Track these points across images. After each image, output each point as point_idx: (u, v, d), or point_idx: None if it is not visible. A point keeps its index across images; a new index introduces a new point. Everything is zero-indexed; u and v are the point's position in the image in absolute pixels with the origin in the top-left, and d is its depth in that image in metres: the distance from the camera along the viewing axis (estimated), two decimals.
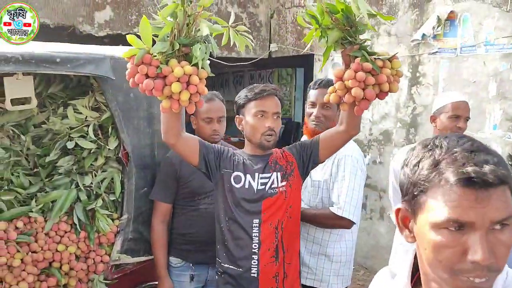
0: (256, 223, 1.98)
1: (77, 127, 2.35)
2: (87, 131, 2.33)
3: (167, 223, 2.41)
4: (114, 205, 2.39)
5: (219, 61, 4.95)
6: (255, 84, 2.11)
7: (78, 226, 2.24)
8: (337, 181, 2.25)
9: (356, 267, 4.72)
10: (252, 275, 1.98)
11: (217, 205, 2.07)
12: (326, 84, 2.36)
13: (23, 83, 2.06)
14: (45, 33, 4.83)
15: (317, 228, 2.32)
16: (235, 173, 2.03)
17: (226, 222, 2.03)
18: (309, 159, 2.05)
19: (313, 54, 5.39)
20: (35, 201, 2.20)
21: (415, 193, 0.86)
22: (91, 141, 2.32)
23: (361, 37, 1.71)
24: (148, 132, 2.45)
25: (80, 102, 2.37)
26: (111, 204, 2.37)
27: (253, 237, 1.98)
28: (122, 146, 2.35)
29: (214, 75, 1.74)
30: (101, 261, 2.34)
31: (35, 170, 2.35)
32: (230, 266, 2.02)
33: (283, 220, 2.00)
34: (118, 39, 4.83)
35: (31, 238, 2.13)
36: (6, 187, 2.21)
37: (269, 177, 2.02)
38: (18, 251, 2.07)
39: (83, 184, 2.30)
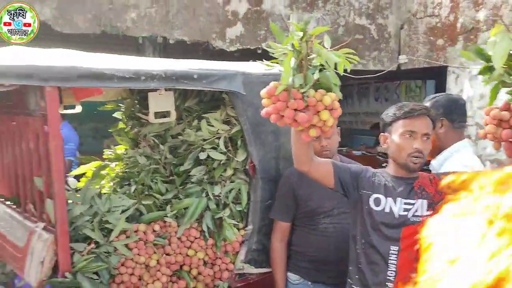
0: (394, 250, 1.89)
1: (209, 139, 2.48)
2: (218, 143, 2.45)
3: (286, 242, 2.42)
4: (240, 215, 2.47)
5: (347, 74, 4.87)
6: (404, 102, 2.03)
7: (206, 233, 2.36)
8: None
9: None
10: None
11: (354, 226, 2.02)
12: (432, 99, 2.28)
13: (165, 98, 2.24)
14: (183, 49, 5.25)
15: None
16: (375, 195, 1.96)
17: (362, 245, 1.97)
18: None
19: (446, 66, 5.03)
20: (170, 206, 2.37)
21: None
22: (221, 153, 2.44)
23: None
24: (275, 146, 2.49)
25: (213, 115, 2.51)
26: (238, 214, 2.46)
27: (389, 265, 1.90)
28: (249, 159, 2.42)
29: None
30: (226, 269, 2.43)
31: (171, 177, 2.53)
32: None
33: None
34: (248, 53, 5.05)
35: (165, 241, 2.30)
36: (146, 192, 2.42)
37: (413, 204, 1.91)
38: (154, 252, 2.24)
39: (213, 194, 2.41)
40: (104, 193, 2.36)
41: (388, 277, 1.90)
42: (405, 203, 1.91)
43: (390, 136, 1.96)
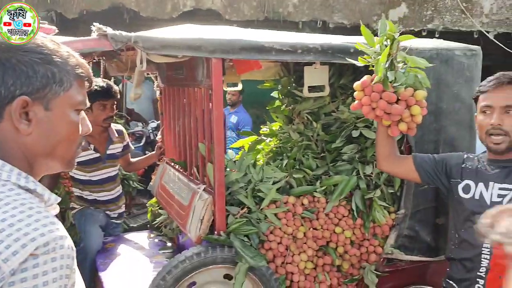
0: (487, 244, 1.67)
1: (363, 117, 2.41)
2: (372, 121, 2.37)
3: None
4: (392, 198, 2.37)
5: None
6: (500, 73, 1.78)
7: (355, 213, 2.32)
8: None
9: None
10: None
11: (450, 220, 1.93)
12: None
13: (320, 72, 2.25)
14: (341, 34, 5.18)
15: None
16: (464, 182, 1.81)
17: (455, 239, 1.86)
18: None
19: None
20: (319, 182, 2.38)
21: None
22: (375, 132, 2.35)
23: None
24: (434, 128, 2.32)
25: None
26: (389, 197, 2.36)
27: (482, 260, 1.72)
28: (405, 140, 2.30)
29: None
30: (374, 251, 2.36)
31: (322, 154, 2.54)
32: (453, 284, 1.84)
33: None
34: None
35: (313, 215, 2.32)
36: (297, 167, 2.47)
37: (511, 190, 1.68)
38: (302, 224, 2.28)
39: (364, 173, 2.35)
40: (258, 165, 2.47)
41: (479, 273, 1.72)
42: (500, 189, 1.69)
43: (477, 116, 1.81)
